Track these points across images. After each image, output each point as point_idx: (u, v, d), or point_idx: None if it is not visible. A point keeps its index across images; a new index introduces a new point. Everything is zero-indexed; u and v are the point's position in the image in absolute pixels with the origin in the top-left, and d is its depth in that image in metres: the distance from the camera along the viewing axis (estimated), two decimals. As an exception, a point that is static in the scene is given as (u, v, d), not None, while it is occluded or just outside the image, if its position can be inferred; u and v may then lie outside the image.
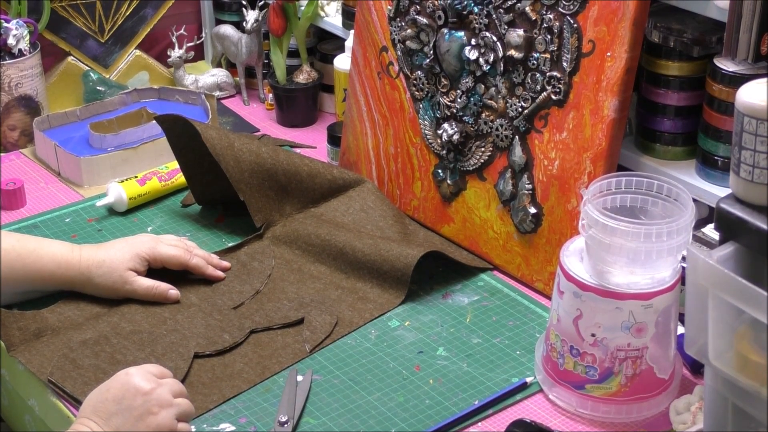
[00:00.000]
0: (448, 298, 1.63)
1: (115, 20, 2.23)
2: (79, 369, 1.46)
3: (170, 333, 1.53)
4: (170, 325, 1.55)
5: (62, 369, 1.46)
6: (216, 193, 1.83)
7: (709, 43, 1.52)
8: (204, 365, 1.49)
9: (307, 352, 1.51)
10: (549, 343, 1.42)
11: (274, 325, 1.56)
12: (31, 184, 1.94)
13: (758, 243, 1.16)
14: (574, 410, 1.41)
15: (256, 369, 1.48)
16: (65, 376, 1.45)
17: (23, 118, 2.05)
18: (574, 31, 1.54)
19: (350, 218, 1.78)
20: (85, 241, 1.76)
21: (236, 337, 1.53)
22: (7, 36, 1.99)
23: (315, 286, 1.65)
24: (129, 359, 1.48)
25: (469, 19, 1.67)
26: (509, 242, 1.68)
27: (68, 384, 1.44)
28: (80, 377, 1.45)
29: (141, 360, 1.47)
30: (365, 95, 1.88)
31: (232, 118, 2.19)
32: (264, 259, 1.70)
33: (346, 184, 1.83)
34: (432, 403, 1.43)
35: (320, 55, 2.21)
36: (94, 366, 1.47)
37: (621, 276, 1.35)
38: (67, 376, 1.45)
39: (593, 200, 1.37)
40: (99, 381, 1.33)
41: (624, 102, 1.53)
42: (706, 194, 1.53)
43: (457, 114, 1.72)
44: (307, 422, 1.40)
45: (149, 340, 1.52)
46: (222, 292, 1.63)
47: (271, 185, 1.77)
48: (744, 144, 1.17)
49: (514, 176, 1.65)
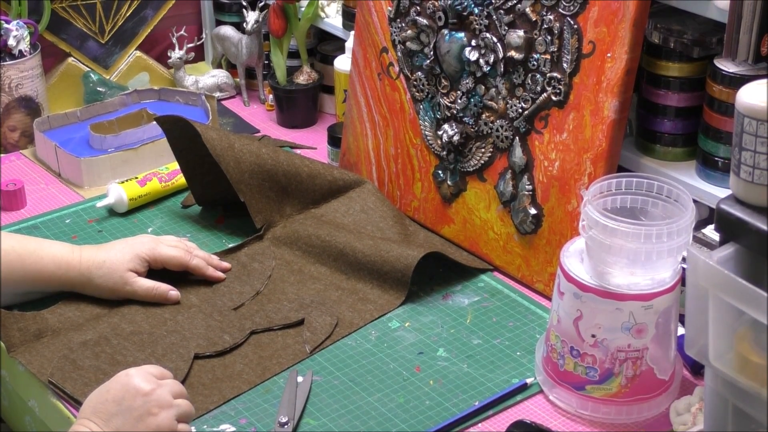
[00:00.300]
0: (448, 299, 1.63)
1: (116, 21, 2.23)
2: (80, 370, 1.46)
3: (170, 334, 1.53)
4: (170, 326, 1.55)
5: (62, 370, 1.46)
6: (216, 194, 1.83)
7: (709, 44, 1.52)
8: (204, 366, 1.49)
9: (308, 352, 1.51)
10: (549, 344, 1.42)
11: (275, 326, 1.56)
12: (31, 185, 1.94)
13: (758, 244, 1.16)
14: (574, 411, 1.41)
15: (256, 370, 1.48)
16: (65, 377, 1.45)
17: (23, 119, 2.05)
18: (575, 32, 1.54)
19: (350, 219, 1.78)
20: (85, 242, 1.76)
21: (236, 338, 1.53)
22: (7, 37, 1.99)
23: (315, 287, 1.64)
24: (129, 360, 1.47)
25: (469, 20, 1.67)
26: (509, 243, 1.68)
27: (68, 385, 1.44)
28: (80, 378, 1.45)
29: (141, 361, 1.47)
30: (365, 96, 1.88)
31: (232, 119, 2.19)
32: (264, 260, 1.70)
33: (346, 185, 1.83)
34: (432, 404, 1.43)
35: (320, 56, 2.21)
36: (95, 367, 1.47)
37: (621, 277, 1.35)
38: (67, 377, 1.45)
39: (593, 201, 1.37)
40: (99, 382, 1.33)
41: (624, 103, 1.53)
42: (706, 195, 1.53)
43: (457, 115, 1.72)
44: (307, 423, 1.40)
45: (149, 341, 1.51)
46: (222, 293, 1.63)
47: (271, 186, 1.77)
48: (744, 145, 1.17)
49: (514, 177, 1.65)
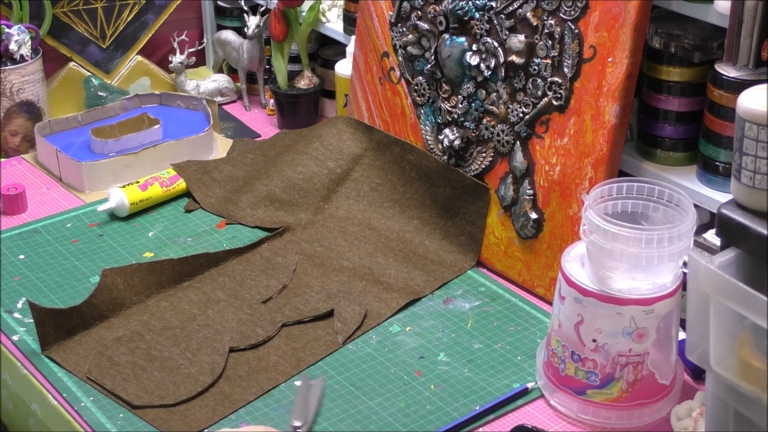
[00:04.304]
0: (449, 304, 1.63)
1: (117, 26, 2.23)
2: (117, 366, 1.48)
3: (203, 328, 1.55)
4: (201, 321, 1.57)
5: (99, 366, 1.48)
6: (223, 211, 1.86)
7: (710, 49, 1.52)
8: (239, 359, 1.50)
9: (340, 343, 1.53)
10: (550, 349, 1.42)
11: (305, 317, 1.58)
12: (32, 189, 1.94)
13: (759, 249, 1.16)
14: (575, 416, 1.41)
15: (290, 361, 1.50)
16: (103, 373, 1.47)
17: (25, 123, 2.05)
18: (575, 36, 1.54)
19: (364, 202, 1.81)
20: (86, 245, 1.77)
21: (269, 331, 1.55)
22: (9, 42, 2.00)
23: (340, 278, 1.66)
24: (165, 355, 1.50)
25: (470, 25, 1.67)
26: (510, 247, 1.68)
27: (107, 380, 1.46)
28: (119, 374, 1.47)
29: (177, 355, 1.49)
30: (366, 101, 1.88)
31: (233, 124, 2.19)
32: (287, 255, 1.72)
33: (342, 171, 1.85)
34: (433, 408, 1.43)
35: (321, 60, 2.21)
36: (131, 362, 1.49)
37: (622, 281, 1.35)
38: (105, 373, 1.47)
39: (594, 206, 1.37)
40: (138, 377, 1.37)
41: (625, 107, 1.53)
42: (707, 200, 1.53)
43: (458, 119, 1.72)
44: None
45: (183, 336, 1.53)
46: (249, 287, 1.64)
47: (276, 207, 1.82)
48: (745, 150, 1.17)
49: (515, 182, 1.65)
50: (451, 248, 1.72)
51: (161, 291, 1.63)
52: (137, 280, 1.62)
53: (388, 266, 1.69)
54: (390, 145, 1.82)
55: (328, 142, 1.88)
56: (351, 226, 1.78)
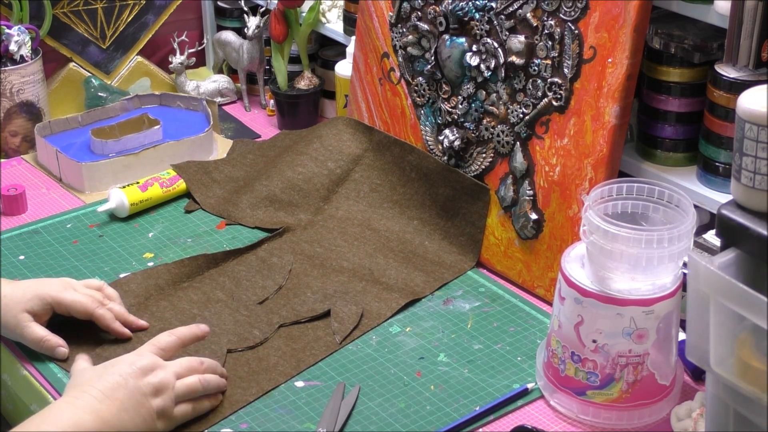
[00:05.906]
0: (449, 304, 1.63)
1: (117, 26, 2.23)
2: None
3: None
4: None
5: None
6: (223, 212, 1.85)
7: (710, 50, 1.52)
8: (239, 359, 1.50)
9: (338, 343, 1.53)
10: (550, 349, 1.42)
11: (302, 318, 1.58)
12: (32, 189, 1.94)
13: (759, 249, 1.16)
14: (575, 416, 1.41)
15: (290, 362, 1.50)
16: None
17: (25, 124, 2.05)
18: (575, 37, 1.54)
19: (364, 202, 1.81)
20: (86, 246, 1.77)
21: (266, 332, 1.55)
22: (8, 42, 2.00)
23: (339, 279, 1.66)
24: None
25: (470, 26, 1.68)
26: (510, 248, 1.68)
27: None
28: None
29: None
30: (366, 101, 1.88)
31: (233, 124, 2.19)
32: (283, 255, 1.71)
33: (342, 171, 1.85)
34: (433, 409, 1.43)
35: (321, 61, 2.21)
36: None
37: (622, 282, 1.35)
38: None
39: (594, 206, 1.37)
40: None
41: (625, 108, 1.53)
42: (707, 200, 1.53)
43: (458, 120, 1.72)
44: (308, 428, 1.40)
45: None
46: (245, 288, 1.64)
47: (276, 208, 1.81)
48: (745, 150, 1.17)
49: (515, 182, 1.65)
50: (451, 249, 1.72)
51: (160, 292, 1.63)
52: (134, 286, 1.63)
53: (387, 267, 1.69)
54: (390, 145, 1.82)
55: (328, 143, 1.88)
56: (351, 227, 1.78)
